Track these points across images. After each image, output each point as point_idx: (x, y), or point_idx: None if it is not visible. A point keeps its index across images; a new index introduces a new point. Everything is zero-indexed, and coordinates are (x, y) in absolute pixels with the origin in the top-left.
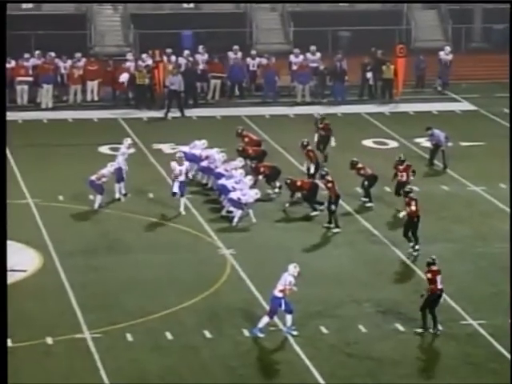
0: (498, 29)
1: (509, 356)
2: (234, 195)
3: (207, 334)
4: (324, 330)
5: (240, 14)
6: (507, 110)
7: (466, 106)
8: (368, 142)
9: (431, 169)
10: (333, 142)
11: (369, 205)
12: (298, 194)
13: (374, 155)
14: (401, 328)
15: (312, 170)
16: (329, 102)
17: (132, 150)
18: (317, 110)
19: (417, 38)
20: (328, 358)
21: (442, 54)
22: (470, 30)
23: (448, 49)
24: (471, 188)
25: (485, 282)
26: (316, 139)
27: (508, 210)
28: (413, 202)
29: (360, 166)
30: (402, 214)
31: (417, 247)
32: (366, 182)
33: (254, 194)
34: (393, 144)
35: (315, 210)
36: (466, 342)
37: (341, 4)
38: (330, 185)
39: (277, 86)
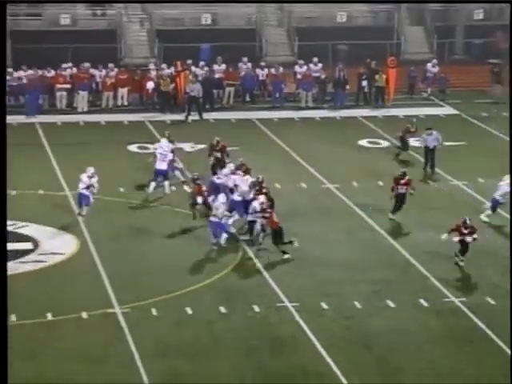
0: (477, 43)
1: (486, 329)
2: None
3: (222, 310)
4: (325, 305)
5: (251, 30)
6: (485, 114)
7: (449, 110)
8: (363, 142)
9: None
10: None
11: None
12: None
13: (368, 153)
14: (391, 304)
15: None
16: (329, 107)
17: None
18: (319, 114)
19: (406, 51)
20: (328, 331)
21: (429, 65)
22: (452, 44)
23: (435, 61)
24: (454, 182)
25: (466, 265)
26: (211, 162)
27: (485, 201)
28: None
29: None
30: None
31: None
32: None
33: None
34: (384, 143)
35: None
36: (449, 317)
37: (339, 20)
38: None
39: (283, 92)
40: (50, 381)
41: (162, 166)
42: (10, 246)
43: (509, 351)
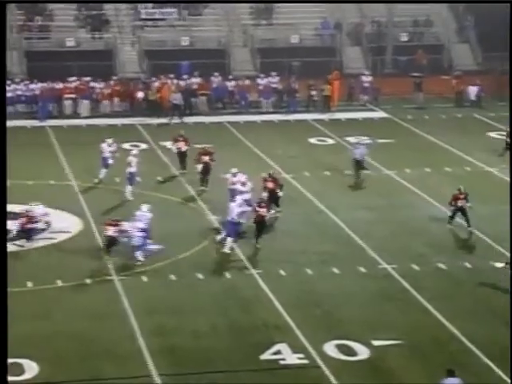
0: (403, 60)
1: (413, 290)
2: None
3: (200, 276)
4: (282, 272)
5: (221, 50)
6: (410, 117)
7: (381, 114)
8: (313, 140)
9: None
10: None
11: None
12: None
13: (317, 149)
14: (336, 271)
15: (200, 169)
16: (285, 112)
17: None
18: (277, 118)
19: (346, 67)
20: (285, 292)
21: (364, 78)
22: (383, 60)
23: (369, 74)
24: (385, 172)
25: (396, 239)
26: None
27: (412, 187)
28: None
29: None
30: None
31: None
32: None
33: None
34: (330, 141)
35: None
36: (383, 280)
37: (293, 41)
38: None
39: (248, 100)
40: (63, 335)
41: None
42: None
43: (431, 308)
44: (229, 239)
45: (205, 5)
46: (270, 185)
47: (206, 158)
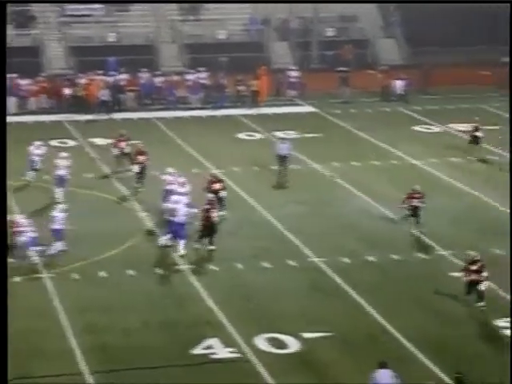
0: (329, 55)
1: (342, 283)
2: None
3: (131, 273)
4: (215, 268)
5: (149, 46)
6: (337, 111)
7: (308, 108)
8: (241, 135)
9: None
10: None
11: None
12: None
13: (245, 144)
14: (268, 265)
15: (137, 170)
16: (213, 107)
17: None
18: (205, 113)
19: (274, 62)
20: (217, 288)
21: (292, 73)
22: (310, 55)
23: (294, 69)
24: (312, 165)
25: (325, 232)
26: (116, 153)
27: (339, 180)
28: None
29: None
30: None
31: None
32: None
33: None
34: (258, 136)
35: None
36: (313, 273)
37: (221, 37)
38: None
39: (176, 96)
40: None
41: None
42: None
43: (361, 300)
44: (181, 241)
45: (131, 1)
46: (216, 186)
47: (142, 158)
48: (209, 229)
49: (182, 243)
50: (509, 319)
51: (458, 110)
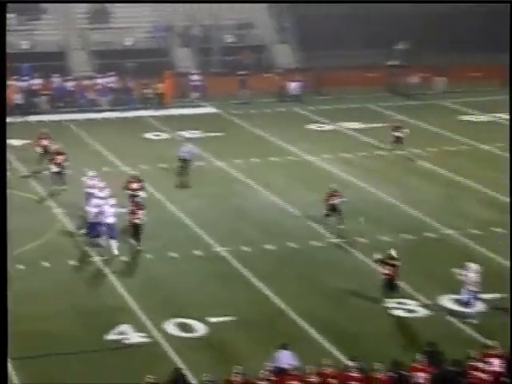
0: (229, 59)
1: (243, 269)
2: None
3: (46, 265)
4: (124, 258)
5: (61, 53)
6: (237, 112)
7: (210, 110)
8: (149, 135)
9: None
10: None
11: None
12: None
13: (152, 143)
14: (174, 255)
15: (55, 170)
16: (122, 109)
17: None
18: (115, 115)
19: (178, 66)
20: (126, 276)
21: (195, 76)
22: (211, 60)
23: (197, 73)
24: (216, 163)
25: (228, 224)
26: (39, 151)
27: (241, 176)
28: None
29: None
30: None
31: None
32: None
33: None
34: (164, 136)
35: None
36: (217, 262)
37: (127, 44)
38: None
39: (87, 99)
40: None
41: None
42: None
43: (261, 286)
44: (113, 241)
45: (43, 10)
46: (134, 186)
47: (61, 158)
48: (135, 229)
49: (114, 243)
50: (398, 300)
51: (348, 110)
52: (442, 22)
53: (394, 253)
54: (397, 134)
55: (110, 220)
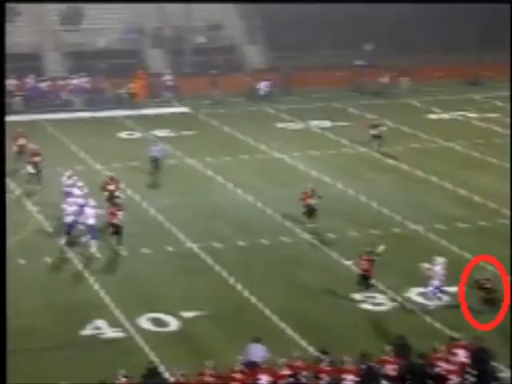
0: (200, 60)
1: (215, 265)
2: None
3: (21, 262)
4: (98, 255)
5: (35, 54)
6: (207, 111)
7: (182, 109)
8: (122, 134)
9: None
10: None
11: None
12: None
13: (125, 142)
14: (147, 251)
15: (31, 170)
16: (96, 109)
17: None
18: (89, 115)
19: (150, 67)
20: (100, 272)
21: (167, 77)
22: (183, 60)
23: (168, 73)
24: (187, 160)
25: (199, 220)
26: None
27: (212, 174)
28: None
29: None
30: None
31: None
32: None
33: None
34: (137, 135)
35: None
36: (186, 257)
37: (100, 45)
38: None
39: (61, 99)
40: None
41: None
42: None
43: (233, 280)
44: (93, 241)
45: (17, 12)
46: (111, 187)
47: (36, 159)
48: (115, 229)
49: (93, 242)
50: (366, 294)
51: (316, 109)
52: (407, 24)
53: (381, 249)
54: (374, 132)
55: (91, 221)
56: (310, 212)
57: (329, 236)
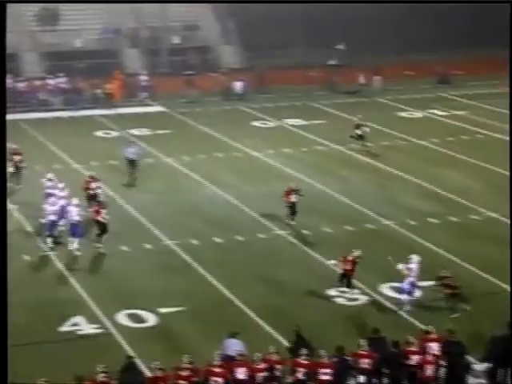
0: (176, 60)
1: (193, 262)
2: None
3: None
4: (77, 253)
5: (12, 54)
6: (184, 110)
7: (158, 108)
8: (99, 133)
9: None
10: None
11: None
12: None
13: (102, 141)
14: (126, 249)
15: (12, 170)
16: (73, 109)
17: None
18: (67, 114)
19: (126, 67)
20: (78, 269)
21: (143, 77)
22: (159, 60)
23: (145, 73)
24: (164, 159)
25: (177, 218)
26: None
27: (188, 172)
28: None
29: None
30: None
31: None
32: None
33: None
34: (114, 134)
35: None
36: (165, 254)
37: (77, 45)
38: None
39: (38, 99)
40: None
41: None
42: None
43: (210, 277)
44: (77, 240)
45: None
46: (92, 185)
47: (18, 158)
48: (100, 227)
49: (76, 241)
50: (340, 289)
51: (290, 107)
52: (378, 24)
53: (357, 253)
54: (359, 131)
55: (75, 218)
56: (292, 209)
57: (304, 232)
